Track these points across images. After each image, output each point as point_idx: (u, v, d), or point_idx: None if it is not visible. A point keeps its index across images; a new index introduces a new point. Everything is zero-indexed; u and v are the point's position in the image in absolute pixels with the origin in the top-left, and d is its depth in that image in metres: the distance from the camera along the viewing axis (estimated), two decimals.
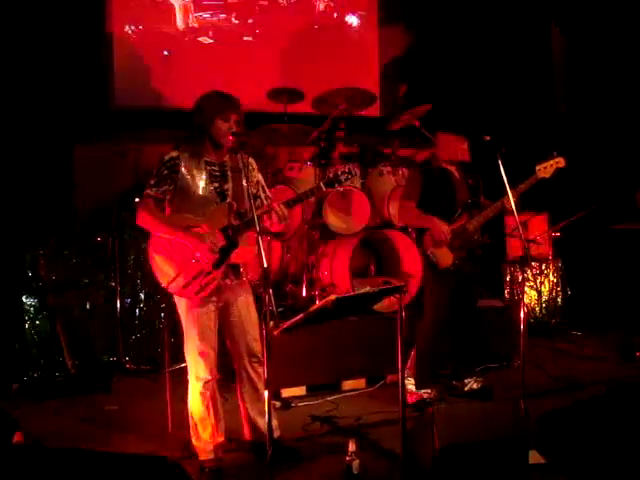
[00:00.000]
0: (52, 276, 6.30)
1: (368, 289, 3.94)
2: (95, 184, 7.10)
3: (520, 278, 7.54)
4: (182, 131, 4.25)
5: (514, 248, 7.82)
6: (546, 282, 7.78)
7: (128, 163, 7.18)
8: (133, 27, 7.57)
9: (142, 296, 6.61)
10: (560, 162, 5.15)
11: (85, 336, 6.30)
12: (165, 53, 7.67)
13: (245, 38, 7.93)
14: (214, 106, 4.08)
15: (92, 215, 6.96)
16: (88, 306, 6.33)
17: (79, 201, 7.15)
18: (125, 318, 6.54)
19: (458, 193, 5.43)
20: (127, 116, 7.33)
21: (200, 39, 7.78)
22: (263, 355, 4.22)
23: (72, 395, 5.73)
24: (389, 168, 6.71)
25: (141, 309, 6.62)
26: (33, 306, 6.10)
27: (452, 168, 5.49)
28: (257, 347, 4.33)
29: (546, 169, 5.14)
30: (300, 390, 5.69)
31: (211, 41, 7.81)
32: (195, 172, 4.09)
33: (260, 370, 4.33)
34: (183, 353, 4.30)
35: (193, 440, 4.28)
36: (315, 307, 3.73)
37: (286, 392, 5.59)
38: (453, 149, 5.43)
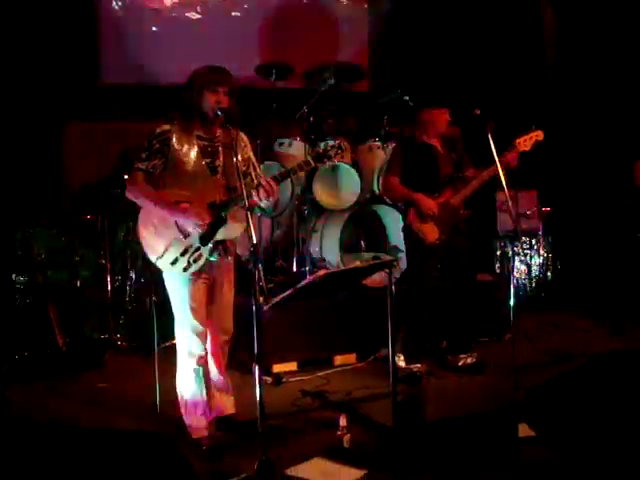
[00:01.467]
0: (42, 254, 6.29)
1: (358, 264, 3.95)
2: (84, 162, 7.08)
3: (510, 253, 7.55)
4: (174, 106, 4.20)
5: (504, 223, 7.83)
6: (536, 257, 7.80)
7: (117, 140, 7.12)
8: (120, 3, 7.51)
9: (132, 273, 6.59)
10: (539, 135, 5.18)
11: (76, 314, 6.29)
12: (153, 29, 7.61)
13: (233, 13, 7.87)
14: (202, 79, 4.05)
15: (81, 193, 6.94)
16: (78, 284, 6.32)
17: (68, 179, 7.13)
18: (116, 296, 6.53)
19: (442, 168, 5.44)
20: (116, 93, 7.27)
21: (188, 14, 7.71)
22: (233, 334, 4.39)
23: (64, 373, 5.71)
24: (378, 143, 6.70)
25: (131, 286, 6.60)
26: (24, 284, 6.09)
27: (436, 143, 5.49)
28: (230, 326, 4.39)
29: (525, 142, 5.17)
30: (291, 365, 5.71)
31: (199, 16, 7.74)
32: (186, 147, 4.07)
33: (226, 347, 4.41)
34: (172, 330, 4.30)
35: (184, 418, 4.26)
36: (304, 282, 3.73)
37: (277, 367, 5.61)
38: (435, 123, 5.44)
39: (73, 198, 6.97)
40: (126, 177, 6.22)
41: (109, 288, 6.48)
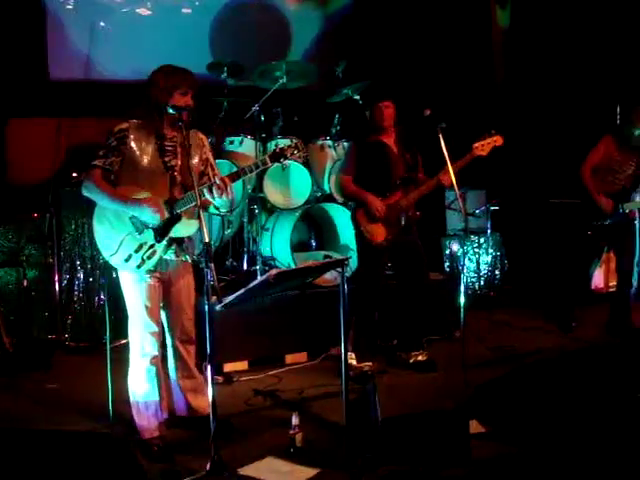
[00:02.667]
0: None
1: (310, 263, 3.95)
2: (31, 158, 6.92)
3: (459, 251, 7.63)
4: (132, 103, 4.16)
5: (453, 222, 7.92)
6: (484, 255, 7.89)
7: (64, 137, 7.02)
8: None
9: (80, 272, 6.51)
10: (498, 140, 5.21)
11: (23, 314, 6.20)
12: (102, 24, 7.50)
13: (184, 10, 7.80)
14: (171, 80, 4.01)
15: (28, 191, 6.79)
16: (25, 283, 6.22)
17: (15, 176, 6.98)
18: (63, 295, 6.44)
19: (394, 168, 5.47)
20: (63, 89, 7.14)
21: (138, 10, 7.62)
22: (195, 335, 4.37)
23: (11, 374, 5.61)
24: (329, 142, 6.71)
25: (79, 286, 6.51)
26: None
27: (390, 142, 5.52)
28: (191, 327, 4.37)
29: (483, 147, 5.19)
30: (242, 365, 5.70)
31: (149, 13, 7.66)
32: (144, 145, 4.04)
33: (190, 348, 4.40)
34: (123, 329, 4.26)
35: (135, 418, 4.22)
36: (256, 282, 3.73)
37: (228, 367, 5.60)
38: (381, 115, 5.45)
39: (19, 195, 6.83)
40: (75, 175, 6.25)
41: (57, 287, 6.38)
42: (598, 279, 7.61)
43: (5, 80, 6.82)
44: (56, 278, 6.38)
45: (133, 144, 4.04)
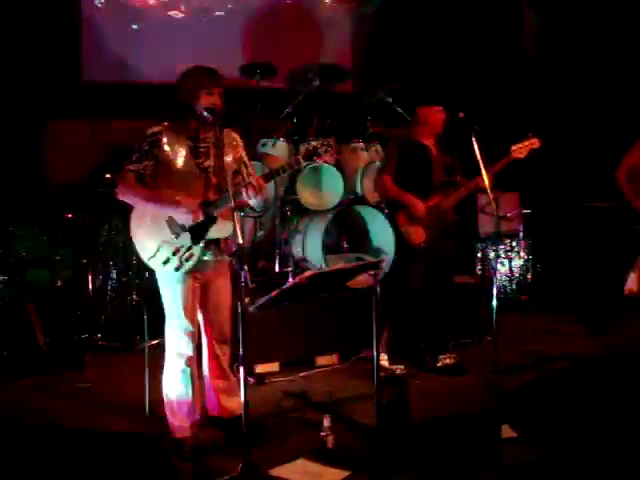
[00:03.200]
0: (23, 252, 6.25)
1: (344, 265, 3.95)
2: (66, 159, 7.01)
3: (491, 254, 7.59)
4: (164, 106, 4.19)
5: (484, 225, 7.87)
6: (516, 259, 7.84)
7: (99, 138, 7.09)
8: (103, 0, 7.46)
9: (113, 272, 6.57)
10: (535, 143, 5.18)
11: (57, 313, 6.26)
12: (134, 27, 7.57)
13: (217, 13, 7.85)
14: (198, 81, 4.04)
15: (62, 191, 6.88)
16: (59, 283, 6.29)
17: (50, 177, 7.06)
18: (96, 295, 6.50)
19: (434, 170, 5.45)
20: (97, 91, 7.22)
21: (171, 13, 7.68)
22: (231, 336, 4.37)
23: (44, 373, 5.66)
24: (362, 144, 6.71)
25: (112, 286, 6.58)
26: (3, 283, 6.04)
27: (430, 144, 5.49)
28: (228, 327, 4.38)
29: (521, 150, 5.17)
30: (274, 366, 5.70)
31: (182, 15, 7.72)
32: (177, 147, 4.06)
33: (226, 349, 4.41)
34: (156, 329, 4.28)
35: (169, 418, 4.24)
36: (290, 284, 3.73)
37: (260, 368, 5.61)
38: (434, 122, 5.42)
39: (55, 196, 6.91)
40: (108, 176, 6.31)
41: (90, 287, 6.43)
42: (632, 283, 7.52)
43: (42, 82, 6.90)
44: (89, 278, 6.43)
45: (166, 147, 4.05)
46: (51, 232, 6.40)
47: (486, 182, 4.96)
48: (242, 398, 3.75)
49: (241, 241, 3.67)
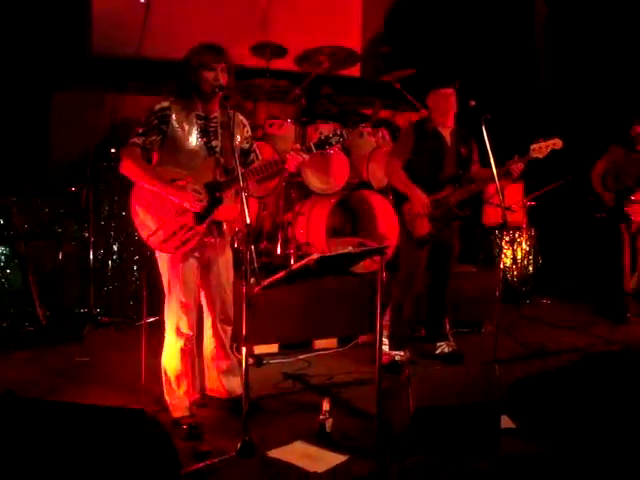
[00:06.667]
0: (24, 225, 6.24)
1: (350, 249, 3.94)
2: (72, 133, 6.95)
3: (494, 245, 7.59)
4: (171, 83, 4.15)
5: (489, 215, 7.85)
6: (519, 250, 7.83)
7: (105, 112, 7.02)
8: None
9: (115, 248, 6.56)
10: (557, 144, 5.06)
11: (57, 286, 6.25)
12: (142, 1, 7.49)
13: None
14: (199, 58, 4.00)
15: (67, 164, 6.84)
16: (60, 256, 6.26)
17: (55, 149, 7.02)
18: (97, 269, 6.49)
19: (446, 162, 5.37)
20: (106, 64, 7.14)
21: None
22: (232, 315, 4.39)
23: (43, 346, 5.68)
24: (369, 129, 6.68)
25: (114, 261, 6.57)
26: (4, 254, 6.04)
27: (446, 134, 5.41)
28: (230, 307, 4.38)
29: (541, 149, 5.05)
30: (273, 347, 5.71)
31: None
32: (185, 125, 4.02)
33: (228, 329, 4.41)
34: (155, 306, 4.25)
35: (166, 396, 4.25)
36: (297, 265, 3.71)
37: (259, 349, 5.61)
38: (444, 105, 5.33)
39: (58, 169, 6.88)
40: (113, 150, 6.27)
41: (91, 262, 6.42)
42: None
43: (52, 54, 6.84)
44: (91, 252, 6.41)
45: (175, 124, 4.00)
46: (54, 205, 6.37)
47: (495, 172, 4.91)
48: (243, 378, 3.75)
49: (248, 221, 3.65)
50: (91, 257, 6.42)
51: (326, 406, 4.08)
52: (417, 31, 8.17)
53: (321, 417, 4.07)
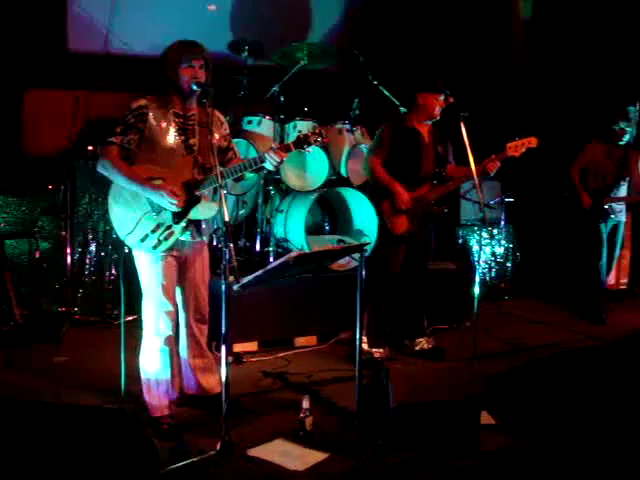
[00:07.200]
0: (0, 223, 6.17)
1: (330, 247, 3.93)
2: (47, 130, 6.90)
3: (472, 241, 7.61)
4: (149, 81, 4.11)
5: (467, 212, 7.88)
6: (497, 246, 7.86)
7: (81, 109, 6.97)
8: None
9: (92, 247, 6.50)
10: (532, 142, 5.08)
11: (33, 286, 6.20)
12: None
13: None
14: (177, 55, 3.98)
15: (43, 162, 6.78)
16: (37, 255, 6.21)
17: (30, 147, 6.95)
18: (75, 268, 6.43)
19: (424, 160, 5.39)
20: (81, 61, 7.09)
21: None
22: (207, 314, 4.37)
23: (20, 346, 5.61)
24: (347, 126, 6.66)
25: (91, 259, 6.51)
26: None
27: (424, 132, 5.43)
28: (205, 306, 4.36)
29: (517, 148, 5.06)
30: (252, 345, 5.69)
31: None
32: (163, 123, 3.99)
33: (204, 328, 4.40)
34: (134, 305, 4.22)
35: (145, 396, 4.22)
36: (276, 263, 3.70)
37: (238, 347, 5.59)
38: (433, 109, 5.32)
39: (34, 166, 6.81)
40: (90, 148, 6.22)
41: (68, 260, 6.37)
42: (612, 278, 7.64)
43: (25, 50, 6.76)
44: (68, 251, 6.36)
45: (153, 122, 3.98)
46: (30, 203, 6.32)
47: (473, 169, 4.92)
48: (223, 377, 3.74)
49: (227, 219, 3.64)
50: (68, 256, 6.37)
51: (306, 404, 4.08)
52: (394, 27, 8.16)
53: (301, 415, 4.07)
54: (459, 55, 8.22)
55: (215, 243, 5.92)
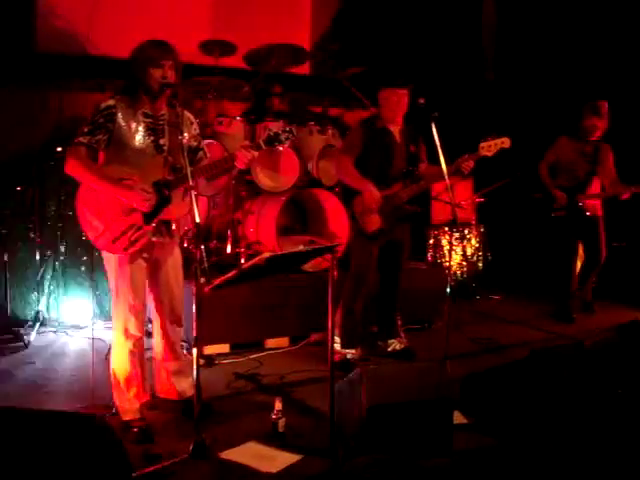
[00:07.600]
0: None
1: (302, 248, 3.91)
2: (15, 131, 6.79)
3: (444, 242, 7.64)
4: (118, 81, 4.08)
5: (438, 212, 7.91)
6: (468, 246, 7.89)
7: (51, 110, 6.88)
8: None
9: (62, 249, 6.44)
10: (505, 142, 5.06)
11: (1, 289, 6.12)
12: None
13: None
14: (146, 55, 3.95)
15: (11, 163, 6.68)
16: (6, 257, 6.14)
17: None
18: (44, 271, 6.37)
19: (395, 159, 5.38)
20: (51, 61, 6.99)
21: None
22: (182, 316, 4.33)
23: None
24: (318, 127, 6.67)
25: (61, 262, 6.45)
26: None
27: (395, 131, 5.43)
28: (180, 307, 4.32)
29: (490, 147, 5.05)
30: (223, 347, 5.66)
31: None
32: (132, 123, 3.95)
33: (178, 330, 4.36)
34: (104, 309, 4.18)
35: (116, 399, 4.18)
36: (248, 264, 3.68)
37: (209, 349, 5.56)
38: (395, 104, 5.32)
39: (2, 168, 6.71)
40: (59, 149, 6.16)
41: (38, 263, 6.30)
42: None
43: None
44: (37, 254, 6.30)
45: (122, 122, 3.94)
46: None
47: (444, 169, 4.92)
48: (194, 379, 3.71)
49: (198, 220, 3.61)
50: (37, 258, 6.31)
51: (278, 406, 4.06)
52: (366, 29, 8.18)
53: (274, 417, 4.05)
54: (430, 55, 8.25)
55: (186, 244, 5.88)
